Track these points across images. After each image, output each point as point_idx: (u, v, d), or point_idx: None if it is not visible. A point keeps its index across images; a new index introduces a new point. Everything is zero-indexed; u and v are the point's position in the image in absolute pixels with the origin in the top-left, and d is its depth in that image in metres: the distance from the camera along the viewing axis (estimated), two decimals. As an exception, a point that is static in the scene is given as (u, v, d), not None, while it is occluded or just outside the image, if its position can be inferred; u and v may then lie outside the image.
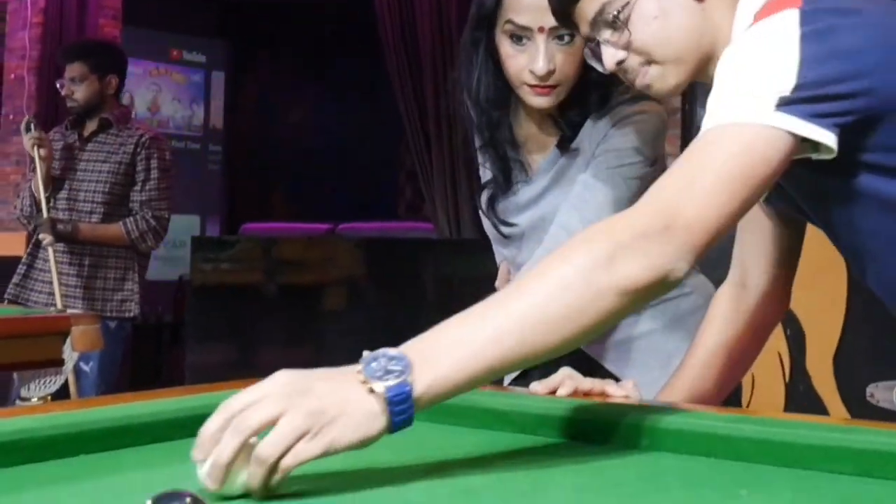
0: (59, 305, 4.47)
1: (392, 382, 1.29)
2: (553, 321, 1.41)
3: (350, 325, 5.70)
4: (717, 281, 2.05)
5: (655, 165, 2.32)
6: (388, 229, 7.85)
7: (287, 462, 1.21)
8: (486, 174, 2.47)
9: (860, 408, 3.72)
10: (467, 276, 5.39)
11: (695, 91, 5.13)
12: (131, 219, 4.86)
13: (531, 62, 2.20)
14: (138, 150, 4.91)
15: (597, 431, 1.61)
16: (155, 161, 4.92)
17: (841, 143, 1.58)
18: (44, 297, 4.80)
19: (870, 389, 3.70)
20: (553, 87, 2.24)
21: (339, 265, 6.06)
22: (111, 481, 1.39)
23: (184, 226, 8.41)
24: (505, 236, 2.40)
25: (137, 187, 4.91)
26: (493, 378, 1.40)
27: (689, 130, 5.39)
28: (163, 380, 8.02)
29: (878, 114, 1.61)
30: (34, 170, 4.79)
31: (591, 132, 2.30)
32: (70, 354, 3.52)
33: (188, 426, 1.64)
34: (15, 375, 4.46)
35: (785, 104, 1.55)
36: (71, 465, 1.46)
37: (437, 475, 1.45)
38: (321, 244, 6.52)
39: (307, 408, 1.24)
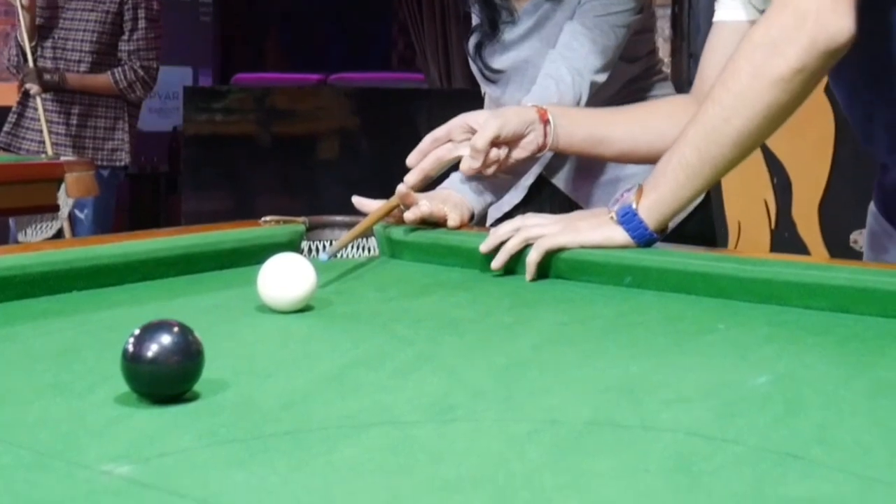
0: (50, 153, 4.47)
1: (619, 206, 1.66)
2: (751, 124, 1.57)
3: (343, 174, 5.71)
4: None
5: (642, 13, 2.30)
6: (380, 80, 7.81)
7: (543, 242, 1.64)
8: (475, 21, 2.45)
9: (844, 254, 3.75)
10: (459, 126, 5.37)
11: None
12: (119, 69, 4.83)
13: None
14: (125, -1, 4.87)
15: (579, 270, 1.64)
16: (142, 11, 4.87)
17: None
18: (35, 145, 4.80)
19: (853, 236, 3.73)
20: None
21: (332, 115, 6.04)
22: (102, 315, 1.43)
23: (176, 77, 8.33)
24: (491, 80, 2.41)
25: (125, 37, 4.87)
26: (707, 188, 1.71)
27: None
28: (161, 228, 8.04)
29: None
30: (20, 19, 4.75)
31: (578, -22, 2.27)
32: (65, 200, 3.54)
33: (179, 265, 1.67)
34: (11, 221, 4.48)
35: None
36: (62, 300, 1.49)
37: (423, 311, 1.48)
38: (313, 94, 6.50)
39: (568, 220, 1.71)
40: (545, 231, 1.66)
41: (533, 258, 1.63)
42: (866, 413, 1.03)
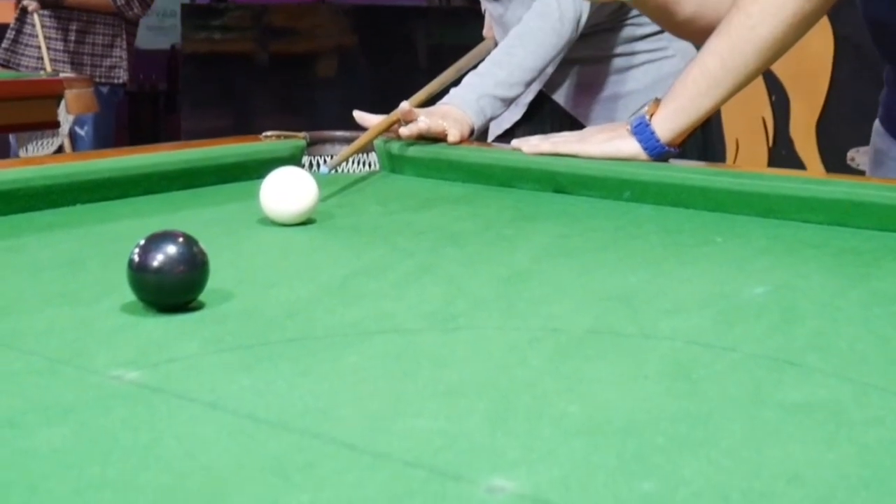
0: (49, 69, 4.45)
1: (634, 117, 1.68)
2: (773, 37, 1.60)
3: (340, 92, 5.69)
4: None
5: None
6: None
7: (557, 143, 1.72)
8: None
9: (841, 172, 3.75)
10: (457, 44, 5.35)
11: None
12: (117, -15, 4.80)
13: None
14: (122, -84, 4.82)
15: (580, 184, 1.65)
16: (139, -73, 4.83)
17: None
18: (34, 61, 4.77)
19: (850, 154, 3.72)
20: None
21: (330, 33, 6.01)
22: (105, 228, 1.44)
23: (173, -5, 8.28)
24: (493, -3, 2.39)
25: (123, -46, 4.84)
26: (727, 99, 1.67)
27: None
28: (160, 146, 7.99)
29: None
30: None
31: None
32: (65, 117, 3.54)
33: (182, 178, 1.68)
34: (12, 138, 4.48)
35: None
36: (67, 213, 1.50)
37: (424, 224, 1.49)
38: (311, 12, 6.45)
39: (587, 132, 1.76)
40: (555, 137, 1.76)
41: (543, 148, 1.72)
42: (861, 322, 1.05)
